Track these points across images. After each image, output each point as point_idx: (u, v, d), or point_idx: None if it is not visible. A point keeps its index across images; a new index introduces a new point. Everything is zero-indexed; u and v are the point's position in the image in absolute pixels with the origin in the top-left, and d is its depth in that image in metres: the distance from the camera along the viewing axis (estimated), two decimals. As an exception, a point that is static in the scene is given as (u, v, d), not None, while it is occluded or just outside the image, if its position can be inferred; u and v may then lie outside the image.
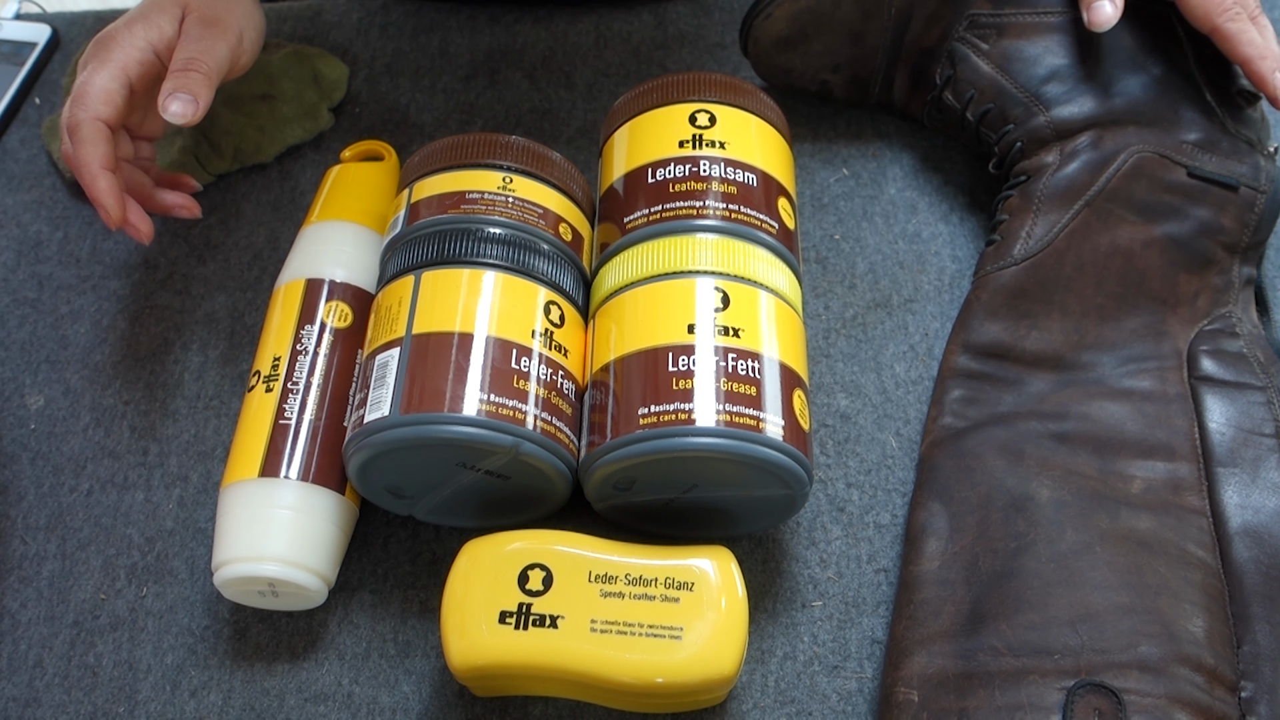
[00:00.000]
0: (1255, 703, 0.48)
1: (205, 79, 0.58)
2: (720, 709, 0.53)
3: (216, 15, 0.61)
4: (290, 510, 0.53)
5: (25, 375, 0.65)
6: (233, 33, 0.61)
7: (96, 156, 0.57)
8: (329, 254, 0.60)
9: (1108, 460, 0.54)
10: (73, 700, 0.54)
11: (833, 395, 0.62)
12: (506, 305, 0.53)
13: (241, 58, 0.62)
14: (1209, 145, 0.60)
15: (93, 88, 0.57)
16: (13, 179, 0.73)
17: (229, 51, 0.60)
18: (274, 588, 0.52)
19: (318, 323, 0.57)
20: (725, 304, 0.52)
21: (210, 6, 0.61)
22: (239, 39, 0.61)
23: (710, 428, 0.49)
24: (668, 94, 0.59)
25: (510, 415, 0.50)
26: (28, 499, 0.60)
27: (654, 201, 0.56)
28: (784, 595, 0.56)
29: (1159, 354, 0.57)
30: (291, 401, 0.55)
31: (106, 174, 0.57)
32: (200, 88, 0.58)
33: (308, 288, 0.58)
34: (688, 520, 0.55)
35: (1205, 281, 0.59)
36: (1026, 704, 0.47)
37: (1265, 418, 0.55)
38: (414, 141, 0.73)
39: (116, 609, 0.57)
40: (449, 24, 0.78)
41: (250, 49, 0.63)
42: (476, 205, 0.56)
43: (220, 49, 0.60)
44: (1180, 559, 0.50)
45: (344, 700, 0.54)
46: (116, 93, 0.58)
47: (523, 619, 0.48)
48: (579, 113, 0.73)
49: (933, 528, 0.54)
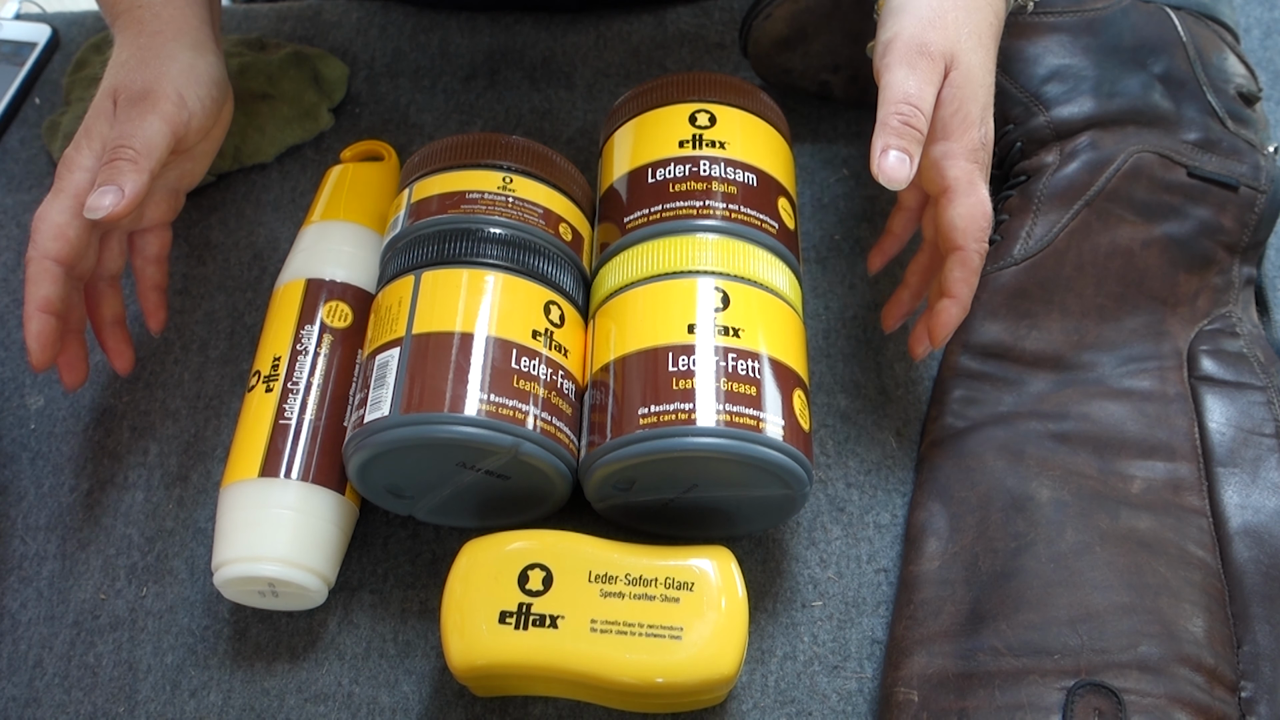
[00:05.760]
0: (1255, 703, 0.48)
1: (132, 164, 0.53)
2: (720, 709, 0.53)
3: (144, 88, 0.56)
4: (290, 510, 0.53)
5: (25, 375, 0.65)
6: (167, 100, 0.55)
7: (36, 298, 0.53)
8: (329, 254, 0.60)
9: (1108, 460, 0.54)
10: (73, 700, 0.54)
11: (833, 395, 0.62)
12: (507, 305, 0.53)
13: (191, 121, 0.57)
14: (1209, 145, 0.60)
15: (44, 224, 0.54)
16: (13, 179, 0.73)
17: (164, 123, 0.55)
18: (274, 588, 0.52)
19: (318, 323, 0.57)
20: (725, 304, 0.52)
21: (135, 81, 0.56)
22: (177, 103, 0.56)
23: (710, 428, 0.49)
24: (668, 94, 0.59)
25: (510, 415, 0.50)
26: (28, 499, 0.60)
27: (654, 201, 0.56)
28: (784, 595, 0.56)
29: (1159, 354, 0.57)
30: (291, 401, 0.55)
31: (41, 316, 0.54)
32: (125, 175, 0.53)
33: (308, 288, 0.58)
34: (688, 520, 0.55)
35: (1205, 281, 0.59)
36: (1026, 704, 0.47)
37: (1265, 418, 0.55)
38: (414, 141, 0.73)
39: (116, 609, 0.57)
40: (449, 24, 0.78)
41: (201, 107, 0.57)
42: (476, 205, 0.56)
43: (151, 124, 0.54)
44: (1180, 559, 0.50)
45: (344, 700, 0.54)
46: (68, 225, 0.54)
47: (523, 619, 0.48)
48: (579, 113, 0.73)
49: (933, 528, 0.54)
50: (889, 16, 0.52)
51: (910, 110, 0.50)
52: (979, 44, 0.52)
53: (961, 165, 0.52)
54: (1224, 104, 0.61)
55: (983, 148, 0.53)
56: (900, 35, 0.51)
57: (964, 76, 0.51)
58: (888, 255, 0.60)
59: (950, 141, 0.52)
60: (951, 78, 0.51)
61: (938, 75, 0.51)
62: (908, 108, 0.50)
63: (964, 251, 0.52)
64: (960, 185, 0.52)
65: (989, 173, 0.54)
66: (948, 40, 0.51)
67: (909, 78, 0.50)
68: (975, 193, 0.52)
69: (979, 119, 0.52)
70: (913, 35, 0.51)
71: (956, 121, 0.51)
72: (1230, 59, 0.63)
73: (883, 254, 0.60)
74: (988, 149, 0.53)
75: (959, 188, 0.52)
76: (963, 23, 0.52)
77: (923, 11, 0.51)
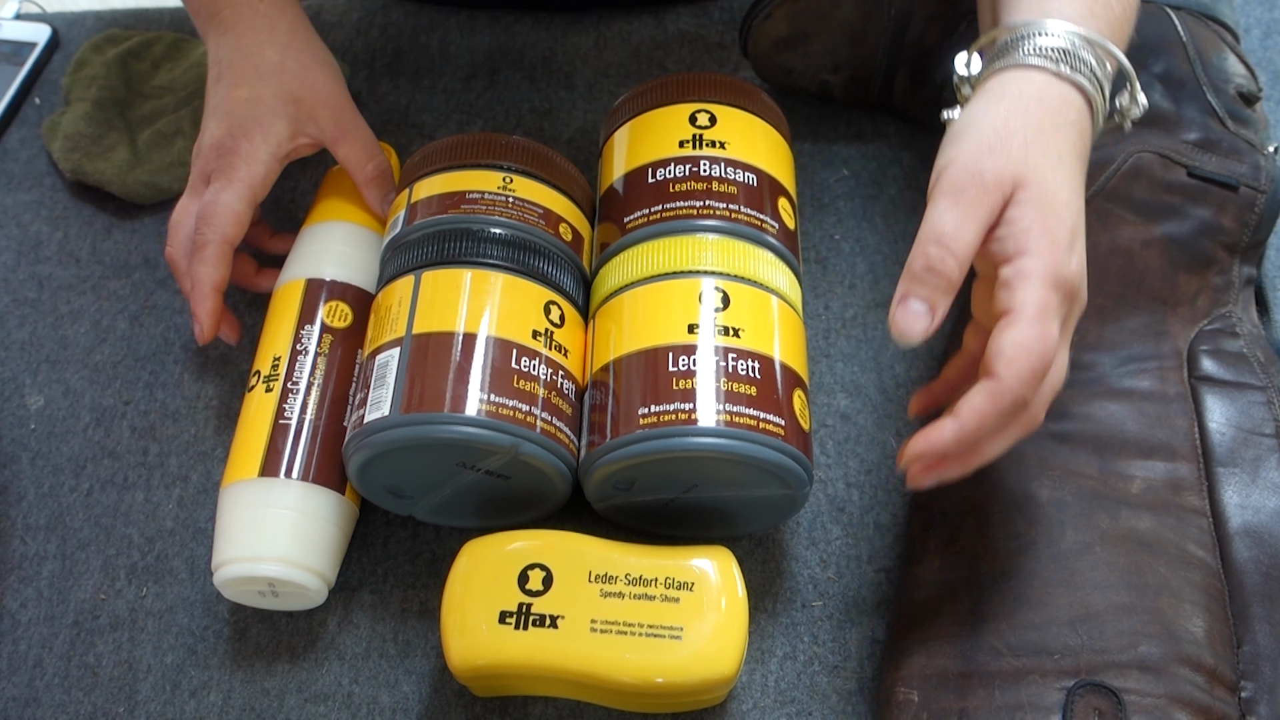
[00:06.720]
0: (1255, 703, 0.48)
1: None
2: (720, 709, 0.53)
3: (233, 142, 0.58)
4: (290, 510, 0.53)
5: (25, 375, 0.65)
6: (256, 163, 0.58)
7: (214, 279, 0.57)
8: (329, 254, 0.60)
9: (1108, 460, 0.54)
10: (73, 700, 0.54)
11: (833, 395, 0.62)
12: (507, 305, 0.53)
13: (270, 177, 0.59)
14: (1209, 145, 0.60)
15: (222, 208, 0.57)
16: (13, 179, 0.73)
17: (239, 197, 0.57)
18: (274, 587, 0.52)
19: (318, 323, 0.57)
20: (725, 304, 0.52)
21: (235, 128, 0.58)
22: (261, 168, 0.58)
23: (710, 428, 0.49)
24: (668, 94, 0.59)
25: (510, 415, 0.50)
26: (28, 499, 0.60)
27: (654, 201, 0.56)
28: (784, 595, 0.56)
29: (1159, 354, 0.57)
30: (291, 401, 0.55)
31: (216, 296, 0.57)
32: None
33: (307, 288, 0.58)
34: (688, 520, 0.55)
35: (1205, 281, 0.59)
36: (1026, 704, 0.47)
37: (1265, 418, 0.55)
38: (414, 141, 0.73)
39: (116, 609, 0.57)
40: (449, 24, 0.78)
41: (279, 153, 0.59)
42: (477, 205, 0.56)
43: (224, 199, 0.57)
44: (1180, 559, 0.50)
45: (344, 700, 0.54)
46: (245, 214, 0.58)
47: (523, 619, 0.48)
48: (579, 113, 0.73)
49: (933, 528, 0.54)
50: (949, 141, 0.44)
51: (938, 253, 0.42)
52: (1059, 163, 0.43)
53: (1036, 290, 0.41)
54: (1224, 104, 0.61)
55: (1070, 283, 0.42)
56: (954, 162, 0.43)
57: (1036, 195, 0.42)
58: (936, 403, 0.51)
59: (1027, 258, 0.42)
60: (1018, 197, 0.43)
61: (989, 206, 0.42)
62: (936, 250, 0.42)
63: (997, 381, 0.41)
64: (1026, 310, 0.41)
65: (1073, 324, 0.44)
66: (1011, 164, 0.42)
67: (947, 212, 0.42)
68: (1042, 327, 0.41)
69: (1067, 243, 0.42)
70: (967, 162, 0.43)
71: (1033, 238, 0.42)
72: (1230, 59, 0.62)
73: (930, 399, 0.52)
74: (1075, 290, 0.43)
75: (1024, 312, 0.41)
76: (1033, 143, 0.43)
77: (984, 135, 0.43)
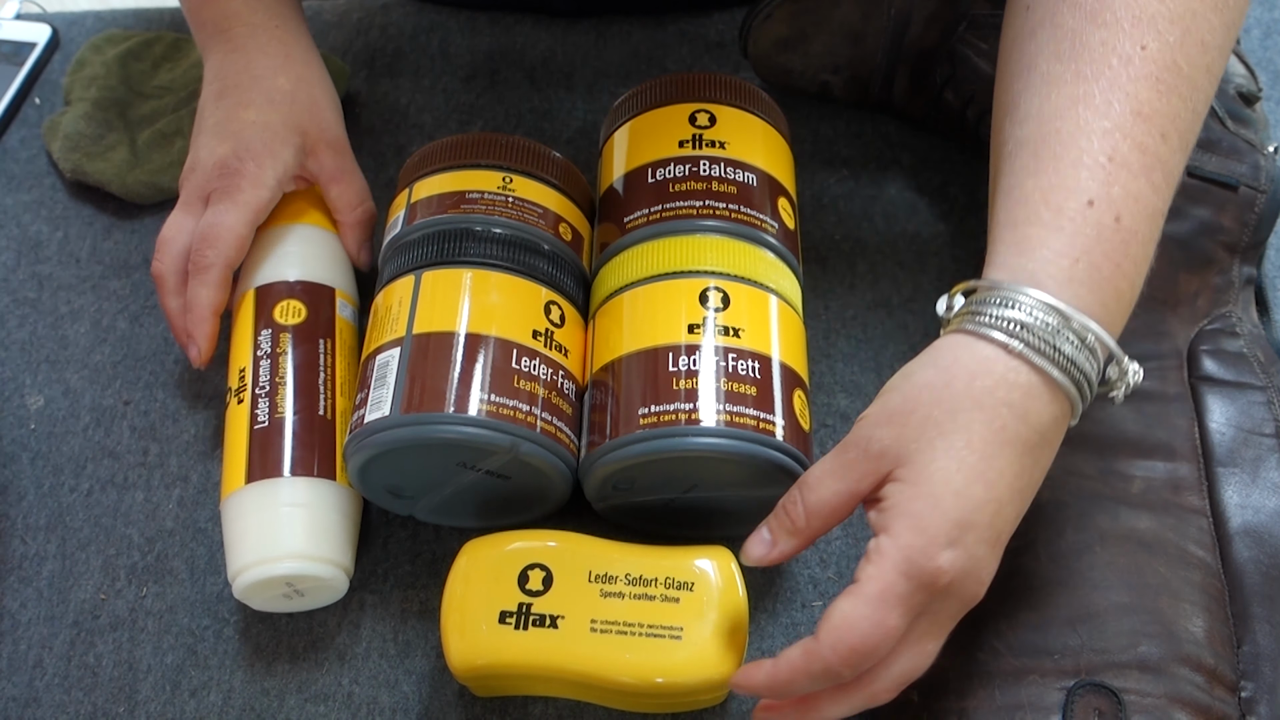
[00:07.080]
0: (1255, 703, 0.48)
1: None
2: (720, 709, 0.53)
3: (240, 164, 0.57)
4: (287, 506, 0.52)
5: (25, 375, 0.65)
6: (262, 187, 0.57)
7: (214, 303, 0.57)
8: (272, 258, 0.59)
9: (1107, 460, 0.54)
10: (73, 700, 0.54)
11: (833, 395, 0.62)
12: (507, 305, 0.53)
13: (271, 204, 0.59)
14: (1209, 145, 0.60)
15: (226, 230, 0.56)
16: (13, 179, 0.73)
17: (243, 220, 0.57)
18: (293, 585, 0.52)
19: (272, 325, 0.57)
20: (725, 304, 0.52)
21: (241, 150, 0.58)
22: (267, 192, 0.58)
23: (710, 428, 0.49)
24: (668, 94, 0.59)
25: (510, 415, 0.50)
26: (28, 499, 0.60)
27: (654, 201, 0.56)
28: (784, 595, 0.56)
29: (1159, 354, 0.57)
30: (262, 405, 0.55)
31: (215, 320, 0.57)
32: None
33: (257, 296, 0.58)
34: (688, 520, 0.55)
35: (1205, 281, 0.59)
36: (1026, 704, 0.47)
37: (1265, 418, 0.55)
38: (414, 141, 0.73)
39: (116, 609, 0.57)
40: (449, 24, 0.78)
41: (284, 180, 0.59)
42: (476, 205, 0.56)
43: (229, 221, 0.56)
44: (1180, 559, 0.50)
45: (344, 700, 0.54)
46: (248, 238, 0.57)
47: (523, 619, 0.48)
48: (579, 113, 0.73)
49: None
50: (882, 391, 0.44)
51: (794, 497, 0.44)
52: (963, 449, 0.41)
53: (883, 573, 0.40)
54: (1224, 104, 0.61)
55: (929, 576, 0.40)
56: (864, 419, 0.43)
57: (915, 478, 0.41)
58: None
59: (885, 538, 0.41)
60: (897, 474, 0.41)
61: (865, 475, 0.42)
62: (795, 493, 0.44)
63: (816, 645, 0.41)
64: (865, 589, 0.40)
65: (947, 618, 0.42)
66: (898, 441, 0.41)
67: (826, 463, 0.43)
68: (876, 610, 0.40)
69: (941, 534, 0.40)
70: (867, 423, 0.43)
71: (895, 519, 0.41)
72: (1230, 59, 0.62)
73: None
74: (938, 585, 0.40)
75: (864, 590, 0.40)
76: (935, 423, 0.41)
77: (893, 401, 0.43)
